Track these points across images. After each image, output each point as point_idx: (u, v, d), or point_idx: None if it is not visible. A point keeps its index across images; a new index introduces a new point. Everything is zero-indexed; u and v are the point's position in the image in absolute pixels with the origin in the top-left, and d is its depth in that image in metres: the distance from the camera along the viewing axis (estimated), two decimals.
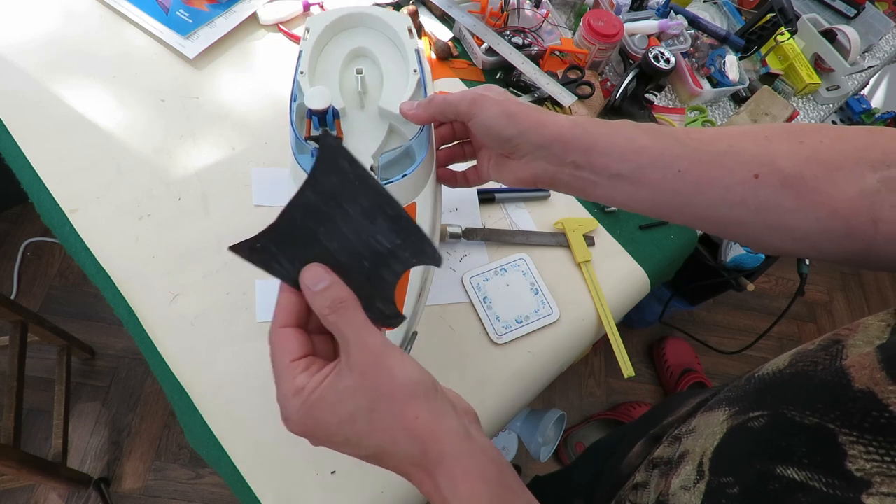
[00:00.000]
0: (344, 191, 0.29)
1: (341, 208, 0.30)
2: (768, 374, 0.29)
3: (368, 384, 0.27)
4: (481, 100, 0.38)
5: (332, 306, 0.28)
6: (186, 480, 1.24)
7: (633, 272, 0.70)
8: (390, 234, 0.30)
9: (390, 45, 0.50)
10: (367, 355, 0.28)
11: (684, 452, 0.30)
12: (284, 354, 0.29)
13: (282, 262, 0.30)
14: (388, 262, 0.31)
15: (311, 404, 0.28)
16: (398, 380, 0.27)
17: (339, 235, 0.30)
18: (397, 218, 0.30)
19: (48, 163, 0.63)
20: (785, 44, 0.94)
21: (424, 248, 0.31)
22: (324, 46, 0.50)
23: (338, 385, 0.28)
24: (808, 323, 1.72)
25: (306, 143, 0.44)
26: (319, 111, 0.43)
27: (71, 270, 1.43)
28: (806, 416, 0.22)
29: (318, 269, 0.30)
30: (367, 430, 0.27)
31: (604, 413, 1.43)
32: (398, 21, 0.49)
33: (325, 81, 0.48)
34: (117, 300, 0.58)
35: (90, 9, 0.75)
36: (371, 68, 0.50)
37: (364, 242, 0.30)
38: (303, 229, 0.30)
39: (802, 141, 0.31)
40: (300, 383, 0.28)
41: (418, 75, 0.47)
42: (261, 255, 0.30)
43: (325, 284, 0.29)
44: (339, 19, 0.50)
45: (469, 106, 0.38)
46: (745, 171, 0.31)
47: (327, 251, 0.30)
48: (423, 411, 0.27)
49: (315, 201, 0.30)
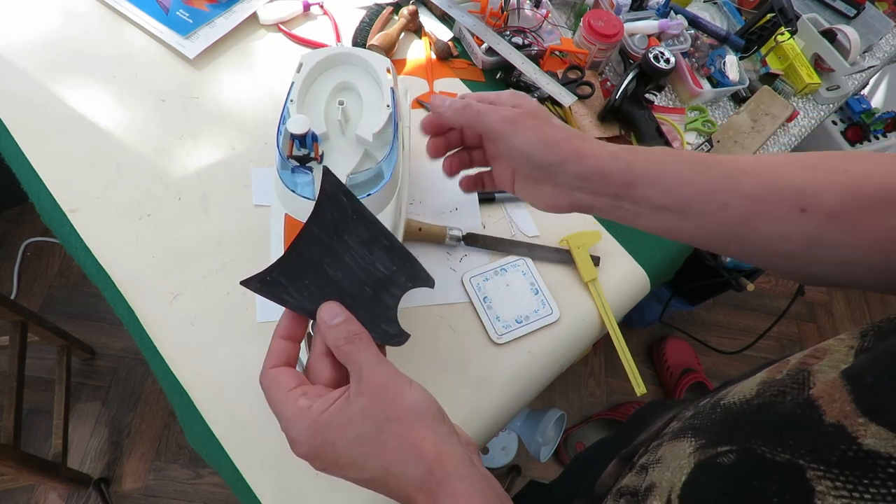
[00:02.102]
0: (344, 224, 0.33)
1: (342, 240, 0.33)
2: (735, 404, 0.28)
3: (377, 407, 0.29)
4: (519, 122, 0.36)
5: (347, 338, 0.31)
6: (186, 480, 1.24)
7: (633, 272, 0.70)
8: (387, 261, 0.34)
9: (372, 81, 0.57)
10: (377, 380, 0.29)
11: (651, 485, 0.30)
12: (280, 387, 0.31)
13: (291, 294, 0.33)
14: (387, 286, 0.34)
15: (319, 425, 0.29)
16: (406, 403, 0.29)
17: (342, 265, 0.33)
18: (391, 247, 0.34)
19: (48, 163, 0.63)
20: (785, 44, 0.94)
21: (418, 272, 0.34)
22: (314, 79, 0.56)
23: (347, 408, 0.29)
24: (808, 323, 1.72)
25: (288, 161, 0.50)
26: (299, 135, 0.49)
27: (71, 270, 1.43)
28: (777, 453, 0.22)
29: (334, 305, 0.32)
30: (374, 450, 0.28)
31: (604, 413, 1.43)
32: (379, 62, 0.56)
33: (312, 109, 0.54)
34: (117, 300, 0.58)
35: (90, 9, 0.75)
36: (354, 100, 0.56)
37: (365, 270, 0.33)
38: (309, 261, 0.33)
39: (847, 170, 0.31)
40: (304, 404, 0.29)
41: (390, 110, 0.53)
42: (272, 287, 0.33)
43: (340, 319, 0.31)
44: (329, 57, 0.56)
45: (503, 126, 0.36)
46: (792, 205, 0.31)
47: (332, 280, 0.33)
48: (430, 434, 0.29)
49: (319, 235, 0.33)
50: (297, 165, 0.50)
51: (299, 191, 0.50)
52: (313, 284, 0.33)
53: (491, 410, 0.59)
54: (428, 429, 0.29)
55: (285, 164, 0.50)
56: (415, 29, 0.83)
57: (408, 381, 0.30)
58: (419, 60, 0.81)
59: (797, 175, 0.32)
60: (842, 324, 1.73)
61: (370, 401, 0.29)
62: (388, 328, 0.34)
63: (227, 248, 0.62)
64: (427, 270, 0.35)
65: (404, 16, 0.81)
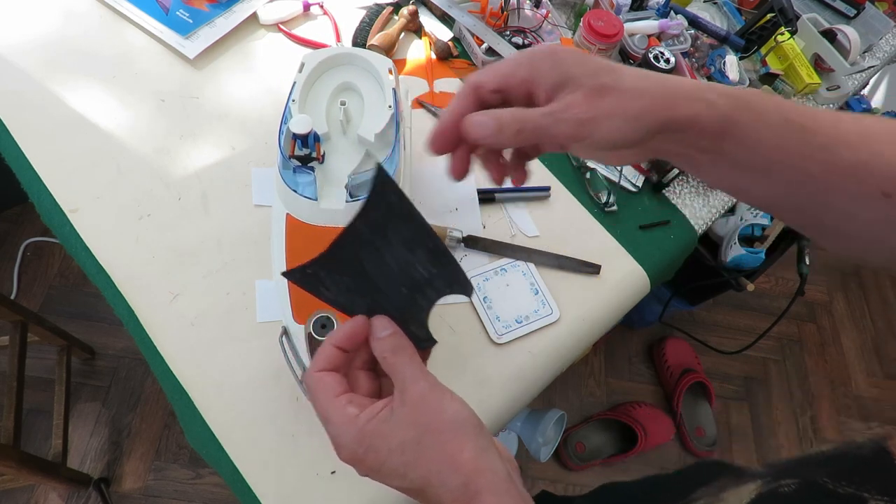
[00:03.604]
0: (390, 222, 0.32)
1: (386, 238, 0.32)
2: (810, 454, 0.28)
3: (419, 418, 0.29)
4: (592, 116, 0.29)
5: (393, 350, 0.31)
6: (186, 480, 1.24)
7: (633, 272, 0.70)
8: (428, 264, 0.33)
9: (374, 81, 0.57)
10: (419, 392, 0.30)
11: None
12: (327, 391, 0.31)
13: (328, 287, 0.33)
14: (423, 289, 0.34)
15: (364, 433, 0.30)
16: (447, 415, 0.29)
17: (382, 263, 0.33)
18: (435, 250, 0.33)
19: (48, 163, 0.63)
20: (785, 44, 0.94)
21: (458, 278, 0.34)
22: (316, 79, 0.56)
23: (391, 418, 0.30)
24: (808, 323, 1.72)
25: (290, 161, 0.50)
26: (302, 135, 0.49)
27: (71, 270, 1.43)
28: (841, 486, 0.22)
29: (384, 319, 0.33)
30: (413, 460, 0.29)
31: (604, 413, 1.43)
32: (381, 62, 0.56)
33: (314, 109, 0.54)
34: (117, 300, 0.58)
35: (90, 9, 0.75)
36: (355, 100, 0.56)
37: (404, 271, 0.33)
38: (350, 258, 0.33)
39: None
40: (351, 412, 0.30)
41: (392, 111, 0.53)
42: (310, 280, 0.33)
43: (388, 332, 0.32)
44: (331, 57, 0.56)
45: (575, 130, 0.29)
46: (876, 188, 0.28)
47: (370, 277, 0.33)
48: (469, 447, 0.29)
49: (364, 231, 0.32)
50: (298, 165, 0.50)
51: (301, 190, 0.50)
52: (351, 281, 0.33)
53: (491, 410, 0.59)
54: (467, 441, 0.29)
55: (287, 163, 0.50)
56: (415, 29, 0.83)
57: (449, 394, 0.31)
58: (419, 60, 0.81)
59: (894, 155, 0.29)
60: (842, 324, 1.73)
61: (412, 411, 0.29)
62: (416, 331, 0.34)
63: (227, 248, 0.62)
64: (468, 279, 0.34)
65: (404, 16, 0.81)
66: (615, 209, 0.73)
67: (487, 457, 0.29)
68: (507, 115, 0.30)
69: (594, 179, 0.75)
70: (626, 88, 0.29)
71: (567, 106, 0.29)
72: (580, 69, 0.30)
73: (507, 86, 0.31)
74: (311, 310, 0.48)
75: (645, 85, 0.29)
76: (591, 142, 0.30)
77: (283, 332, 0.50)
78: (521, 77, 0.31)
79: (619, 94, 0.29)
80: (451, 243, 0.65)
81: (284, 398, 0.55)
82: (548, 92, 0.30)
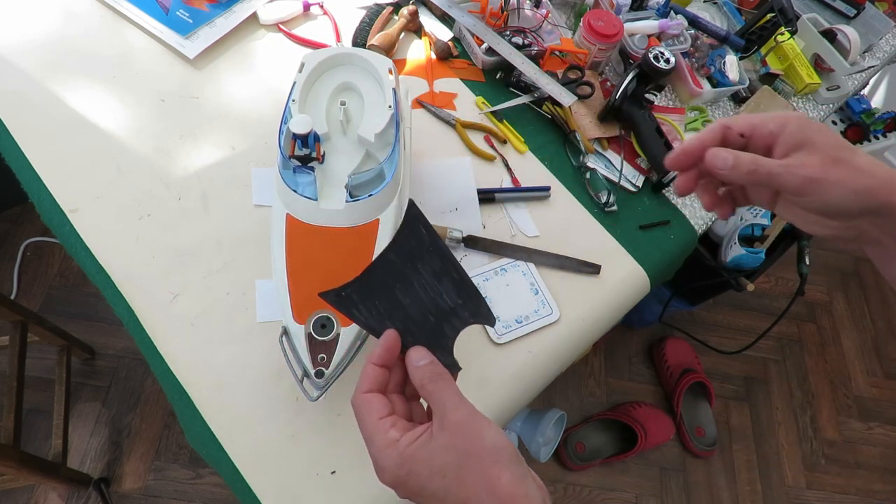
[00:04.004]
0: (420, 253, 0.36)
1: (416, 268, 0.36)
2: None
3: (459, 444, 0.30)
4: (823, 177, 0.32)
5: (431, 378, 0.33)
6: (186, 480, 1.24)
7: (633, 272, 0.70)
8: (454, 294, 0.36)
9: (374, 81, 0.57)
10: (459, 419, 0.31)
11: None
12: (372, 413, 0.33)
13: (360, 310, 0.36)
14: (449, 318, 0.36)
15: (405, 457, 0.31)
16: (486, 442, 0.30)
17: (412, 292, 0.36)
18: (461, 282, 0.36)
19: (48, 163, 0.63)
20: (785, 44, 0.94)
21: (481, 309, 0.37)
22: (316, 79, 0.56)
23: (431, 443, 0.31)
24: (808, 323, 1.72)
25: (290, 161, 0.50)
26: (302, 135, 0.49)
27: (71, 270, 1.43)
28: None
29: (420, 350, 0.35)
30: (454, 485, 0.30)
31: (604, 413, 1.43)
32: (381, 62, 0.56)
33: (314, 109, 0.54)
34: (117, 300, 0.58)
35: (90, 9, 0.75)
36: (355, 100, 0.56)
37: (432, 300, 0.36)
38: (382, 284, 0.36)
39: None
40: (393, 437, 0.32)
41: (392, 111, 0.53)
42: (345, 302, 0.36)
43: (426, 361, 0.34)
44: (331, 57, 0.56)
45: (803, 185, 0.32)
46: None
47: (401, 305, 0.36)
48: (507, 474, 0.30)
49: (395, 261, 0.36)
50: (298, 165, 0.50)
51: (301, 191, 0.50)
52: (382, 306, 0.36)
53: (491, 410, 0.59)
54: (505, 469, 0.30)
55: (287, 163, 0.50)
56: (415, 29, 0.83)
57: (487, 422, 0.32)
58: (419, 60, 0.81)
59: None
60: (842, 324, 1.73)
61: (452, 437, 0.31)
62: (442, 357, 0.35)
63: (227, 248, 0.62)
64: (490, 309, 0.37)
65: (404, 16, 0.81)
66: (615, 209, 0.73)
67: (524, 484, 0.30)
68: (746, 156, 0.34)
69: (594, 179, 0.75)
70: (859, 165, 0.32)
71: (803, 163, 0.32)
72: (823, 138, 0.33)
73: (754, 134, 0.35)
74: (311, 310, 0.48)
75: (875, 169, 0.32)
76: (812, 200, 0.32)
77: (283, 332, 0.50)
78: (769, 130, 0.34)
79: (851, 168, 0.32)
80: (451, 243, 0.65)
81: (284, 398, 0.55)
82: (786, 148, 0.34)
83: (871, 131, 1.50)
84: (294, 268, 0.50)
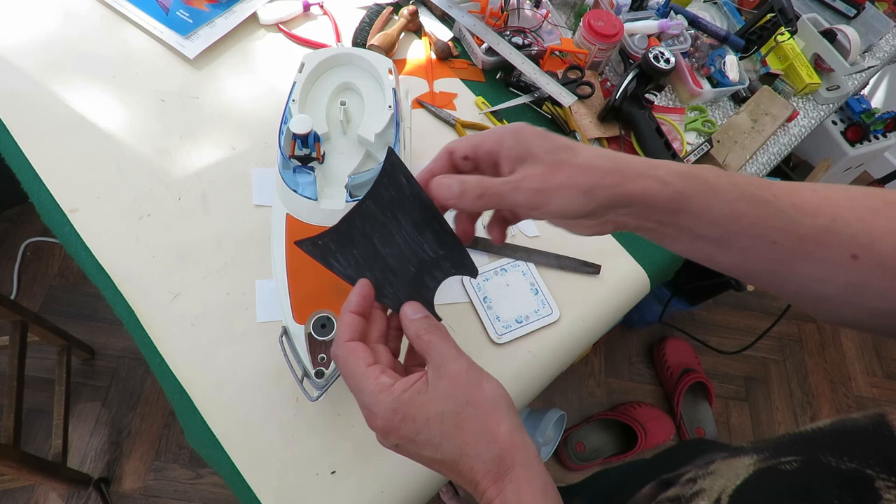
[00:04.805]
0: (400, 203, 0.34)
1: (396, 219, 0.35)
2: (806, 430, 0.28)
3: (459, 391, 0.31)
4: (547, 186, 0.31)
5: (428, 329, 0.33)
6: (186, 480, 1.24)
7: (633, 272, 0.70)
8: (435, 245, 0.35)
9: (374, 81, 0.57)
10: (457, 367, 0.31)
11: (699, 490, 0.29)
12: (358, 362, 0.32)
13: (338, 259, 0.35)
14: (431, 269, 0.35)
15: (401, 402, 0.31)
16: (486, 391, 0.31)
17: (392, 242, 0.35)
18: (442, 232, 0.35)
19: (48, 163, 0.63)
20: (785, 44, 0.94)
21: (464, 260, 0.36)
22: (316, 79, 0.56)
23: (428, 389, 0.31)
24: (807, 323, 1.72)
25: (290, 161, 0.50)
26: (302, 135, 0.49)
27: (71, 270, 1.43)
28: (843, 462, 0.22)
29: (414, 304, 0.34)
30: (452, 430, 0.30)
31: (604, 413, 1.43)
32: (381, 62, 0.56)
33: (314, 109, 0.54)
34: (117, 300, 0.58)
35: (90, 9, 0.75)
36: (355, 100, 0.56)
37: (412, 250, 0.35)
38: (361, 233, 0.35)
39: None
40: (385, 382, 0.31)
41: (392, 111, 0.53)
42: (321, 250, 0.35)
43: (421, 315, 0.34)
44: (331, 57, 0.56)
45: (531, 198, 0.31)
46: (843, 251, 0.30)
47: (380, 255, 0.35)
48: (505, 422, 0.30)
49: (374, 210, 0.35)
50: (298, 165, 0.50)
51: (301, 191, 0.50)
52: (361, 255, 0.35)
53: None
54: (504, 418, 0.30)
55: (287, 163, 0.50)
56: (415, 29, 0.83)
57: (485, 372, 0.32)
58: (419, 60, 0.81)
59: (854, 219, 0.30)
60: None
61: (451, 384, 0.31)
62: None
63: (227, 248, 0.62)
64: (473, 261, 0.36)
65: (404, 16, 0.81)
66: None
67: (521, 434, 0.30)
68: (471, 181, 0.33)
69: None
70: (579, 164, 0.31)
71: (525, 177, 0.32)
72: (540, 146, 0.32)
73: (478, 155, 0.34)
74: (311, 310, 0.48)
75: (596, 162, 0.31)
76: (547, 211, 0.32)
77: (283, 332, 0.50)
78: (488, 148, 0.34)
79: (572, 169, 0.31)
80: None
81: (284, 398, 0.55)
82: (510, 164, 0.33)
83: (871, 131, 1.50)
84: (294, 268, 0.50)
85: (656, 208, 0.31)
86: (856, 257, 0.29)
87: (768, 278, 0.33)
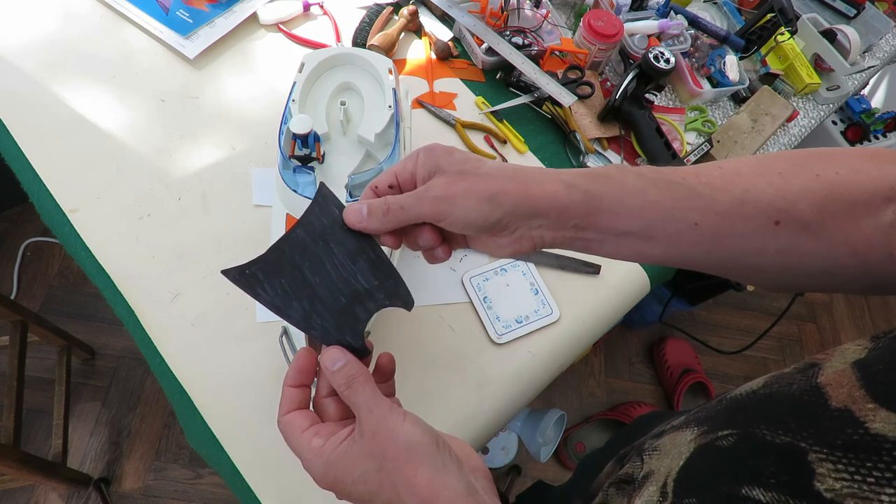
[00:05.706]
0: (333, 232, 0.34)
1: (328, 248, 0.34)
2: (740, 395, 0.28)
3: (376, 447, 0.30)
4: (449, 194, 0.32)
5: (346, 383, 0.32)
6: (186, 480, 1.24)
7: (633, 272, 0.70)
8: (369, 275, 0.35)
9: (374, 81, 0.57)
10: (373, 422, 0.31)
11: (648, 472, 0.30)
12: (294, 431, 0.33)
13: (265, 289, 0.34)
14: (363, 300, 0.34)
15: (329, 464, 0.31)
16: (400, 441, 0.30)
17: (323, 272, 0.34)
18: (378, 261, 0.35)
19: (48, 163, 0.63)
20: (785, 44, 0.94)
21: (398, 290, 0.35)
22: (316, 79, 0.56)
23: (352, 448, 0.31)
24: (807, 323, 1.72)
25: (290, 161, 0.50)
26: (302, 135, 0.49)
27: (71, 270, 1.43)
28: (777, 435, 0.22)
29: (335, 351, 0.33)
30: (376, 488, 0.30)
31: (604, 413, 1.43)
32: (381, 62, 0.56)
33: (314, 109, 0.54)
34: (117, 300, 0.58)
35: (90, 9, 0.75)
36: (355, 100, 0.56)
37: (344, 280, 0.34)
38: (290, 262, 0.34)
39: (818, 174, 0.30)
40: (316, 445, 0.32)
41: (392, 111, 0.53)
42: (248, 280, 0.34)
43: (341, 364, 0.33)
44: (331, 57, 0.56)
45: (435, 207, 0.32)
46: (765, 219, 0.30)
47: (309, 284, 0.34)
48: (423, 469, 0.29)
49: (304, 239, 0.34)
50: (298, 165, 0.50)
51: (301, 191, 0.50)
52: (288, 284, 0.34)
53: (491, 410, 0.59)
54: (421, 465, 0.29)
55: (287, 163, 0.51)
56: (415, 29, 0.83)
57: (401, 418, 0.31)
58: (419, 60, 0.81)
59: (766, 186, 0.31)
60: (842, 323, 1.74)
61: (369, 441, 0.30)
62: (352, 340, 0.34)
63: (228, 248, 0.62)
64: (410, 292, 0.35)
65: (404, 16, 0.81)
66: None
67: (443, 478, 0.29)
68: (377, 201, 0.34)
69: None
70: (483, 173, 0.32)
71: (428, 187, 0.33)
72: (447, 160, 0.33)
73: (400, 181, 0.35)
74: None
75: (500, 171, 0.32)
76: (452, 220, 0.32)
77: (283, 332, 0.50)
78: (408, 170, 0.35)
79: (474, 177, 0.32)
80: None
81: None
82: (423, 180, 0.34)
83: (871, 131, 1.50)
84: None
85: (569, 213, 0.32)
86: (778, 223, 0.30)
87: (703, 261, 0.33)
